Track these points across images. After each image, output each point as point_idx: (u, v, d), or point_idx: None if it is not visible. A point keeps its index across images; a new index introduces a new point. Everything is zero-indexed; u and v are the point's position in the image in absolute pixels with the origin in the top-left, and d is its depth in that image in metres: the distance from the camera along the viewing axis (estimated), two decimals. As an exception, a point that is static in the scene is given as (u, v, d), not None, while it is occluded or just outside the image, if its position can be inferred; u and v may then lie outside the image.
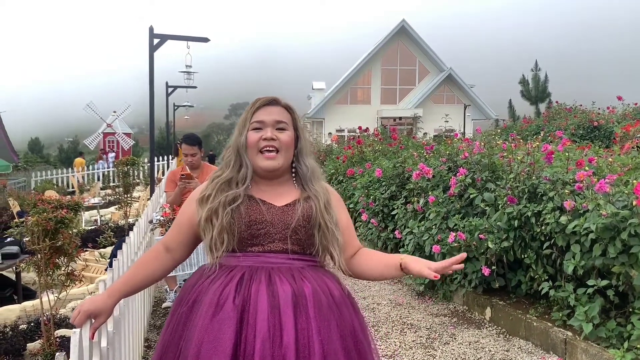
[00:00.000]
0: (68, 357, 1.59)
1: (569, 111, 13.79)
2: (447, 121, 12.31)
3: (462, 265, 1.57)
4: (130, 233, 3.35)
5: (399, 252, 5.78)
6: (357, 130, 11.89)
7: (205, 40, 8.01)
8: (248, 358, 1.45)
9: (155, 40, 7.17)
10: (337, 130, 25.97)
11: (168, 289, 4.89)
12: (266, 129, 1.67)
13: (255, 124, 1.68)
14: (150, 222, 4.55)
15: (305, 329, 1.50)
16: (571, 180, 3.96)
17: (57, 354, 1.36)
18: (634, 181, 3.52)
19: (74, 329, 1.53)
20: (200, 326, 1.51)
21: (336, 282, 1.68)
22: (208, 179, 1.74)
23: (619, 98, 12.27)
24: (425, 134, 12.28)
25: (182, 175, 4.29)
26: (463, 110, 26.36)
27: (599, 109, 13.16)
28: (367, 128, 11.34)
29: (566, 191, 3.81)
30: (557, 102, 16.31)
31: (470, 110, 28.92)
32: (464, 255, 1.56)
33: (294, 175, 1.74)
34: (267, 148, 1.65)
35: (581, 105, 14.18)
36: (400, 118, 29.38)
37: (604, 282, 3.40)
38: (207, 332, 1.49)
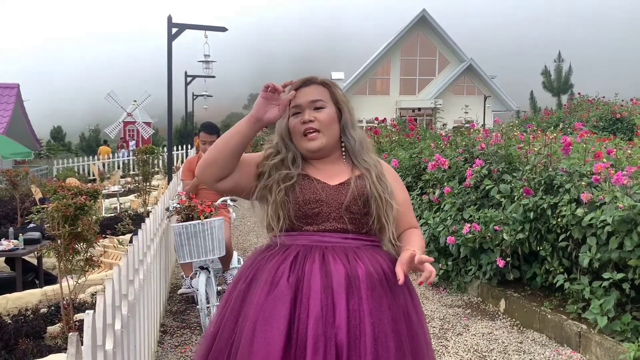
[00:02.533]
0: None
1: (591, 103, 13.57)
2: (467, 112, 12.14)
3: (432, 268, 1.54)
4: (146, 219, 3.40)
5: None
6: (375, 121, 11.80)
7: (223, 29, 8.03)
8: (301, 336, 1.48)
9: (174, 30, 7.20)
10: (355, 121, 25.80)
11: (184, 276, 4.96)
12: (304, 112, 1.69)
13: (294, 109, 1.70)
14: (167, 209, 4.61)
15: (357, 310, 1.51)
16: (588, 173, 3.91)
17: (69, 334, 1.40)
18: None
19: (87, 311, 1.57)
20: (256, 303, 1.54)
21: (392, 263, 1.65)
22: (262, 152, 1.73)
23: (642, 90, 12.03)
24: (444, 125, 12.10)
25: None
26: (483, 101, 26.05)
27: (622, 100, 12.92)
28: (385, 119, 11.25)
29: (583, 183, 3.77)
30: (579, 93, 16.01)
31: (491, 101, 28.54)
32: (430, 259, 1.56)
33: (344, 151, 1.74)
34: (308, 130, 1.67)
35: (604, 97, 13.94)
36: (419, 109, 29.15)
37: (620, 276, 3.36)
38: (262, 309, 1.52)
